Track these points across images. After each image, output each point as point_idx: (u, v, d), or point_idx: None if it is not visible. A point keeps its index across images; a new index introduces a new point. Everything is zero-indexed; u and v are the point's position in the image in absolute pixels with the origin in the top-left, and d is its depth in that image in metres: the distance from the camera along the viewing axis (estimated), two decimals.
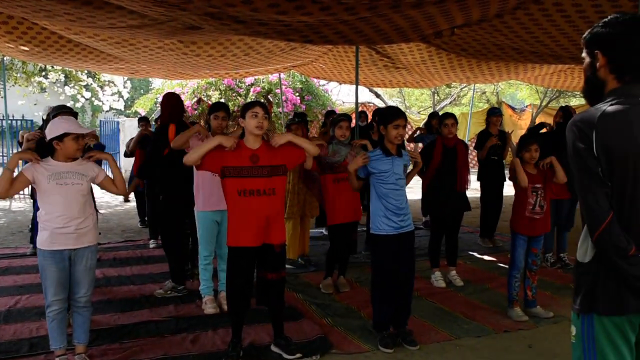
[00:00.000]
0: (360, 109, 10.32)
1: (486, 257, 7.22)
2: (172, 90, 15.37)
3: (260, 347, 4.26)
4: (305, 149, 4.09)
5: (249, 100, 14.77)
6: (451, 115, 6.03)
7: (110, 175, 4.05)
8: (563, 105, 7.45)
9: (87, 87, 15.86)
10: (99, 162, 4.00)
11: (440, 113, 7.68)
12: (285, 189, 4.54)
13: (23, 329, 4.60)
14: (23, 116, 14.34)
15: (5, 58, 11.67)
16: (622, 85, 2.11)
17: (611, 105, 2.05)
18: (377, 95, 20.92)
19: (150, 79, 30.00)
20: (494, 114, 7.72)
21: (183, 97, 15.22)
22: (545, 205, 4.91)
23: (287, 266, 4.97)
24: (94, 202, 4.23)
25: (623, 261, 1.99)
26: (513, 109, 22.11)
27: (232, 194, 3.94)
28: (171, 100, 5.60)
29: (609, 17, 2.14)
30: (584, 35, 2.23)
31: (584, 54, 2.24)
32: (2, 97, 11.88)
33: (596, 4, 4.71)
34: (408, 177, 4.53)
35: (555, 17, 5.18)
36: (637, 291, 1.97)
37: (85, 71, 15.02)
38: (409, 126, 21.34)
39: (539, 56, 7.02)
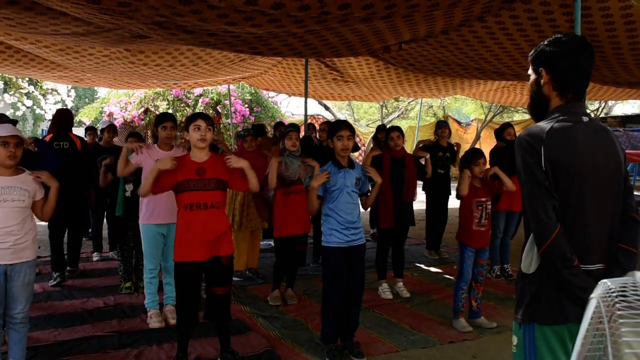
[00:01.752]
0: (309, 121, 10.35)
1: (432, 269, 7.32)
2: (115, 100, 15.14)
3: None
4: (250, 183, 4.06)
5: (197, 111, 14.62)
6: (397, 129, 6.11)
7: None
8: (507, 122, 7.65)
9: (28, 95, 15.36)
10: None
11: (388, 126, 7.78)
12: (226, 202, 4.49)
13: None
14: None
15: None
16: (565, 103, 2.20)
17: (557, 122, 2.14)
18: (327, 108, 21.04)
19: (95, 88, 29.38)
20: (440, 126, 7.87)
21: (130, 107, 14.96)
22: (489, 218, 5.04)
23: (234, 278, 4.93)
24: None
25: (568, 272, 2.05)
26: (459, 123, 22.59)
27: (180, 208, 3.91)
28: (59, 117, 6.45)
29: (553, 36, 2.23)
30: (531, 52, 2.32)
31: (530, 71, 2.33)
32: None
33: (536, 23, 4.88)
34: (370, 198, 4.54)
35: (498, 35, 5.33)
36: (578, 301, 2.03)
37: (27, 78, 14.56)
38: (357, 138, 21.54)
39: (483, 72, 7.20)
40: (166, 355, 4.26)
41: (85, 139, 8.52)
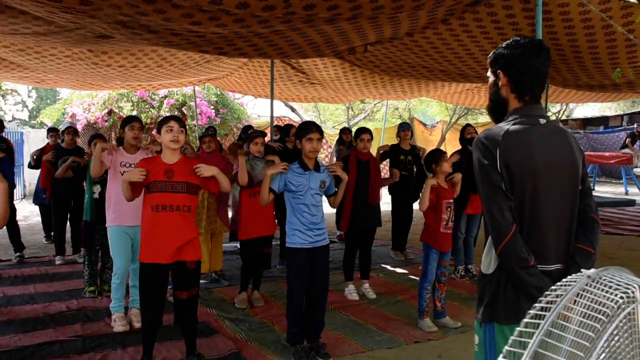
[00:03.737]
0: (275, 122, 10.33)
1: (398, 270, 7.37)
2: (78, 101, 14.88)
3: None
4: (221, 185, 4.06)
5: (162, 112, 14.46)
6: (367, 131, 6.10)
7: None
8: (467, 123, 7.73)
9: None
10: None
11: (355, 128, 7.81)
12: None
13: None
14: None
15: None
16: (522, 105, 2.23)
17: (514, 124, 2.17)
18: (293, 110, 21.04)
19: (57, 89, 28.81)
20: (402, 128, 7.89)
21: (93, 108, 14.71)
22: (453, 219, 5.11)
23: (200, 281, 4.88)
24: None
25: (524, 272, 2.08)
26: (424, 125, 22.80)
27: (146, 209, 3.88)
28: None
29: (511, 39, 2.26)
30: (489, 55, 2.35)
31: (488, 73, 2.36)
32: None
33: (499, 26, 4.96)
34: (337, 197, 4.54)
35: (462, 37, 5.41)
36: (535, 300, 2.06)
37: None
38: (324, 141, 21.60)
39: (447, 74, 7.30)
40: (131, 359, 4.20)
41: (48, 140, 8.39)
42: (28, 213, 12.16)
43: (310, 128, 4.36)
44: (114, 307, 5.00)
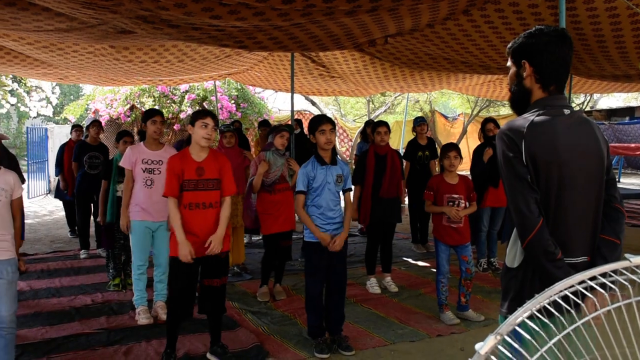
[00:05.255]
0: (295, 117, 10.33)
1: (420, 263, 7.35)
2: (101, 97, 15.05)
3: (195, 356, 4.19)
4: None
5: (184, 107, 14.54)
6: (384, 124, 6.10)
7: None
8: (488, 117, 7.63)
9: (12, 93, 15.20)
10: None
11: (375, 121, 7.79)
12: None
13: None
14: None
15: None
16: (547, 96, 2.19)
17: (538, 115, 2.13)
18: (313, 103, 20.99)
19: (80, 85, 29.15)
20: (417, 123, 7.85)
21: (115, 104, 14.86)
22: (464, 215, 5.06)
23: None
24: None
25: (551, 265, 2.06)
26: (445, 117, 22.66)
27: (180, 207, 3.90)
28: None
29: (535, 28, 2.22)
30: (510, 45, 2.30)
31: (509, 63, 2.31)
32: None
33: (521, 17, 4.90)
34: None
35: (484, 28, 5.35)
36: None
37: (10, 75, 14.40)
38: (344, 133, 21.51)
39: (469, 66, 7.23)
40: (155, 352, 4.25)
41: (70, 136, 8.51)
42: (53, 208, 12.33)
43: (321, 120, 4.37)
44: (137, 300, 5.06)
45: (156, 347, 4.33)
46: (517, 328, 1.25)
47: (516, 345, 1.24)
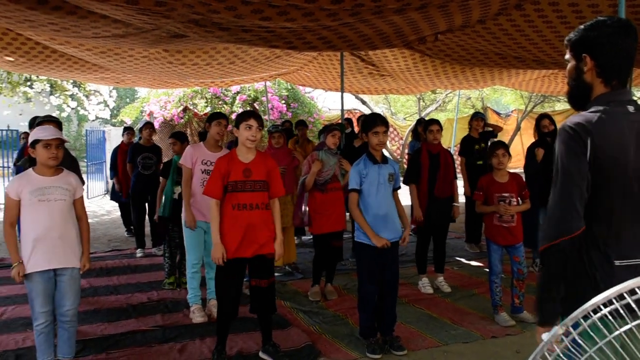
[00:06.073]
0: (346, 116, 10.33)
1: (473, 263, 7.24)
2: (155, 100, 15.40)
3: (248, 355, 4.24)
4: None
5: (235, 108, 14.73)
6: (436, 122, 6.04)
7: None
8: (543, 113, 7.47)
9: (72, 97, 15.72)
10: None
11: (426, 119, 7.73)
12: None
13: (9, 340, 4.55)
14: (8, 126, 14.21)
15: None
16: (610, 91, 2.07)
17: (603, 112, 2.01)
18: (363, 102, 20.93)
19: (136, 88, 29.92)
20: (474, 117, 7.81)
21: (169, 106, 15.18)
22: (516, 214, 4.95)
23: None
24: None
25: (555, 284, 2.00)
26: (498, 114, 22.22)
27: (227, 207, 3.95)
28: None
29: (596, 20, 2.09)
30: (568, 37, 2.18)
31: (567, 57, 2.19)
32: None
33: (577, 9, 4.76)
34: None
35: (537, 22, 5.22)
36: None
37: (71, 81, 14.91)
38: (395, 132, 21.37)
39: (522, 61, 7.07)
40: (209, 350, 4.32)
41: (122, 138, 8.77)
42: (111, 208, 12.68)
43: (375, 121, 4.33)
44: (191, 299, 5.15)
45: (210, 345, 4.40)
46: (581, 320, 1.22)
47: (576, 336, 1.21)
